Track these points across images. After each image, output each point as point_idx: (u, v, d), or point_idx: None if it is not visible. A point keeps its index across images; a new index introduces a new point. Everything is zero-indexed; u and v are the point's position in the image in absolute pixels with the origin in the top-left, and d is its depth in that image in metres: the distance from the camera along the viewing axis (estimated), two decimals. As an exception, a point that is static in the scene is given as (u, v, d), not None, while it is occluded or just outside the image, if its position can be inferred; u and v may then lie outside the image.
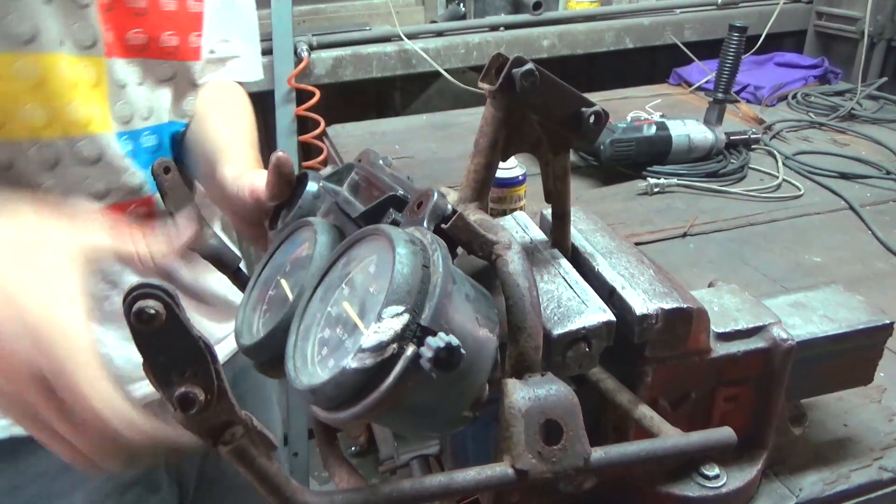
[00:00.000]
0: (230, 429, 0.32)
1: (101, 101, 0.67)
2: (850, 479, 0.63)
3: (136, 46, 0.69)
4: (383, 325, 0.34)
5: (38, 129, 0.62)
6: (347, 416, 0.35)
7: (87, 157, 0.66)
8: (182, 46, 0.74)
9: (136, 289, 0.28)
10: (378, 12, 1.96)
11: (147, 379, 0.31)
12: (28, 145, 0.62)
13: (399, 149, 1.49)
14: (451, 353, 0.33)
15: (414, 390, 0.35)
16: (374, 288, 0.39)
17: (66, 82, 0.63)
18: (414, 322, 0.35)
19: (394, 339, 0.34)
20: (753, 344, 0.55)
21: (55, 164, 0.64)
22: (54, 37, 0.61)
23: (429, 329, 0.35)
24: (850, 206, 1.20)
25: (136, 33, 0.69)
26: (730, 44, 1.33)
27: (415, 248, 0.39)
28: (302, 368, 0.39)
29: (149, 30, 0.70)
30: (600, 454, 0.42)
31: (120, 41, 0.68)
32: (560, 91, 0.48)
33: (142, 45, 0.70)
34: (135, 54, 0.70)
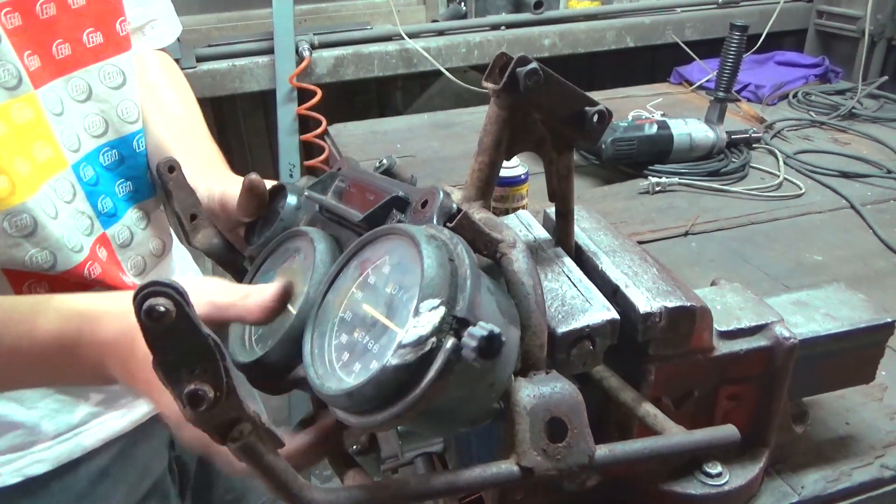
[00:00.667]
0: (238, 426, 0.32)
1: (46, 139, 0.62)
2: (851, 476, 0.63)
3: (63, 61, 0.65)
4: (422, 320, 0.35)
5: (5, 198, 0.58)
6: (385, 417, 0.36)
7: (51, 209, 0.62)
8: (110, 40, 0.68)
9: (147, 287, 0.28)
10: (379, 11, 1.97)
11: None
12: (1, 218, 0.58)
13: (400, 148, 1.50)
14: (493, 341, 0.33)
15: (454, 383, 0.35)
16: (394, 287, 0.39)
17: (7, 136, 0.58)
18: (450, 314, 0.35)
19: (433, 332, 0.34)
20: (756, 342, 0.55)
21: (34, 230, 0.60)
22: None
23: (465, 320, 0.35)
24: (852, 205, 1.20)
25: (59, 45, 0.64)
26: (731, 43, 1.33)
27: (437, 242, 0.39)
28: (327, 375, 0.39)
29: (68, 36, 0.65)
30: (604, 452, 0.42)
31: (45, 62, 0.63)
32: (564, 90, 0.48)
33: (69, 58, 0.65)
34: (66, 70, 0.65)
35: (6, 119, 0.59)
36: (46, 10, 0.62)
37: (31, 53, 0.61)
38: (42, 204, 0.60)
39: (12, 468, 0.67)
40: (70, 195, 0.65)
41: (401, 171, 0.59)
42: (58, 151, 0.64)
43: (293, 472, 0.35)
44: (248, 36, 1.77)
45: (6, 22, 0.59)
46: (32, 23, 0.61)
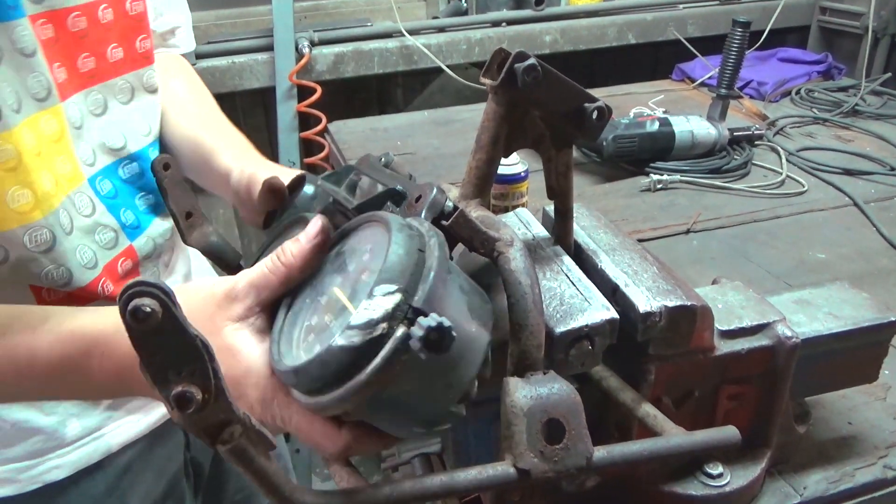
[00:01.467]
0: (228, 428, 0.32)
1: (67, 153, 0.62)
2: (854, 477, 0.62)
3: (86, 74, 0.65)
4: (374, 303, 0.34)
5: (27, 214, 0.57)
6: (330, 399, 0.35)
7: (67, 225, 0.61)
8: (129, 56, 0.70)
9: (132, 287, 0.27)
10: (379, 8, 1.96)
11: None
12: (21, 232, 0.57)
13: (401, 145, 1.49)
14: (442, 335, 0.32)
15: (402, 375, 0.34)
16: (367, 275, 0.38)
17: (34, 151, 0.58)
18: (406, 303, 0.34)
19: (384, 317, 0.33)
20: (758, 342, 0.55)
21: (52, 245, 0.60)
22: (12, 103, 0.56)
23: (421, 311, 0.34)
24: (855, 203, 1.19)
25: (84, 59, 0.64)
26: (733, 39, 1.32)
27: (411, 232, 0.38)
28: (286, 352, 0.38)
29: (94, 50, 0.65)
30: (603, 453, 0.41)
31: (71, 75, 0.63)
32: (562, 86, 0.48)
33: (92, 71, 0.65)
34: (87, 83, 0.65)
35: (35, 131, 0.59)
36: (78, 23, 0.63)
37: (60, 65, 0.62)
38: (60, 219, 0.60)
39: (30, 474, 0.66)
40: (89, 209, 0.65)
41: (398, 168, 0.59)
42: (75, 165, 0.64)
43: (284, 475, 0.34)
44: (248, 33, 1.76)
45: (40, 33, 0.59)
46: (63, 35, 0.62)
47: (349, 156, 1.44)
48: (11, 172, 0.56)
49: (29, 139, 0.57)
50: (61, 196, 0.61)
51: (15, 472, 0.66)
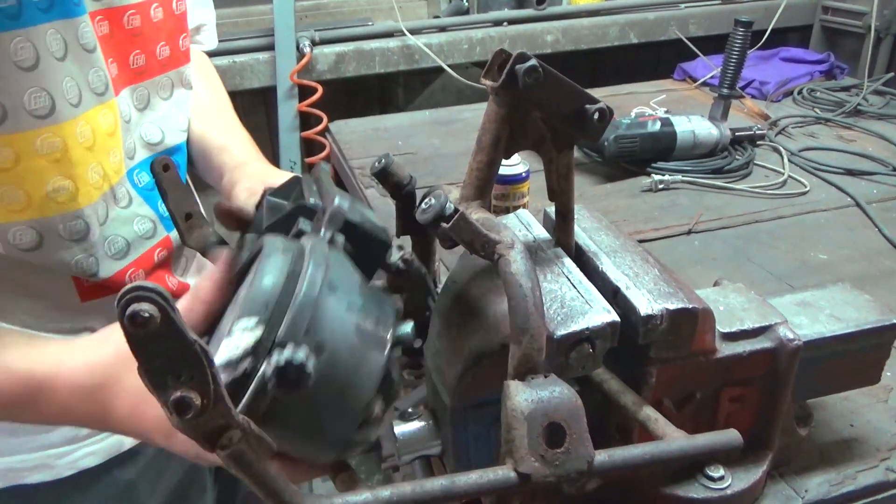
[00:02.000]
0: (227, 433, 0.32)
1: (118, 146, 0.64)
2: (856, 480, 0.62)
3: (136, 70, 0.67)
4: (233, 341, 0.32)
5: (66, 203, 0.59)
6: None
7: (103, 215, 0.63)
8: (174, 54, 0.72)
9: (130, 291, 0.27)
10: (380, 7, 1.95)
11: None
12: (57, 220, 0.59)
13: (402, 145, 1.49)
14: (297, 371, 0.31)
15: (278, 410, 0.32)
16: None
17: (87, 144, 0.60)
18: (269, 338, 0.32)
19: (244, 355, 0.32)
20: (759, 344, 0.54)
21: (85, 235, 0.61)
22: (72, 97, 0.58)
23: (285, 343, 0.32)
24: (857, 203, 1.19)
25: (136, 55, 0.67)
26: (735, 39, 1.31)
27: (285, 257, 0.36)
28: None
29: (145, 48, 0.68)
30: (604, 457, 0.41)
31: (122, 71, 0.65)
32: (563, 87, 0.47)
33: (142, 68, 0.68)
34: (136, 79, 0.67)
35: (94, 124, 0.61)
36: (132, 21, 0.65)
37: (113, 61, 0.64)
38: (98, 210, 0.62)
39: (67, 460, 0.68)
40: (126, 200, 0.67)
41: (398, 169, 0.58)
42: (121, 158, 0.66)
43: (284, 480, 0.34)
44: (249, 32, 1.76)
45: (98, 29, 0.61)
46: (119, 32, 0.64)
47: (350, 155, 1.44)
48: (55, 163, 0.58)
49: (84, 132, 0.59)
50: (106, 187, 0.63)
51: (52, 457, 0.68)
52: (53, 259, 0.61)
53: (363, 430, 0.38)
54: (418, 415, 0.55)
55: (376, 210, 1.21)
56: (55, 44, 0.56)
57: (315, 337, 0.34)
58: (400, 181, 0.58)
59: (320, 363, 0.34)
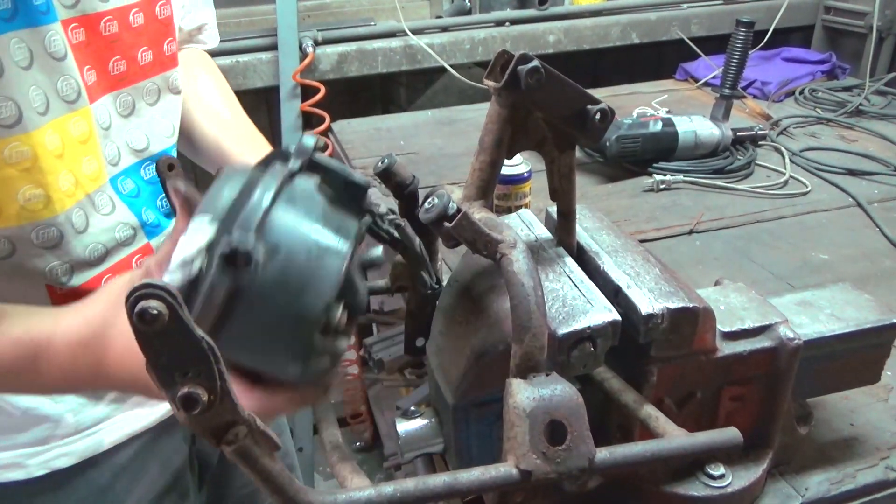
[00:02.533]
0: (233, 428, 0.32)
1: (94, 154, 0.64)
2: (856, 478, 0.62)
3: (117, 77, 0.66)
4: (186, 239, 0.33)
5: (38, 212, 0.58)
6: None
7: (81, 223, 0.62)
8: (158, 59, 0.71)
9: (139, 289, 0.28)
10: (383, 7, 1.96)
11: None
12: (29, 228, 0.59)
13: (404, 144, 1.49)
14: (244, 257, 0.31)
15: (235, 307, 0.33)
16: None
17: (56, 152, 0.59)
18: (225, 235, 0.33)
19: (198, 253, 0.32)
20: (760, 343, 0.55)
21: (58, 242, 0.61)
22: (39, 106, 0.57)
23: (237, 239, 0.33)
24: (858, 203, 1.19)
25: (116, 61, 0.66)
26: (737, 39, 1.32)
27: (244, 175, 0.37)
28: None
29: (125, 54, 0.67)
30: (605, 455, 0.42)
31: (101, 77, 0.64)
32: (565, 88, 0.48)
33: (122, 74, 0.67)
34: (117, 86, 0.67)
35: (62, 132, 0.60)
36: (109, 27, 0.64)
37: (90, 68, 0.63)
38: (73, 218, 0.62)
39: (39, 460, 0.68)
40: (109, 208, 0.66)
41: (400, 169, 0.59)
42: (101, 165, 0.65)
43: (289, 476, 0.35)
44: (251, 32, 1.76)
45: (72, 37, 0.60)
46: (95, 39, 0.63)
47: (353, 155, 1.44)
48: (26, 172, 0.57)
49: (52, 141, 0.59)
50: (80, 195, 0.62)
51: (24, 456, 0.67)
52: (26, 267, 0.60)
53: (326, 338, 0.38)
54: (421, 413, 0.56)
55: (378, 210, 1.22)
56: (19, 53, 0.56)
57: (269, 238, 0.35)
58: (402, 181, 0.59)
59: (275, 263, 0.34)
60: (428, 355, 0.55)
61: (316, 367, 0.40)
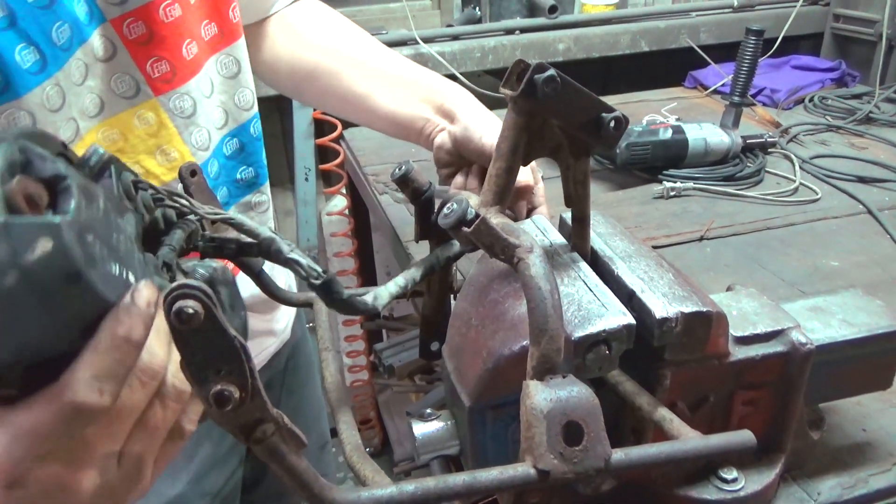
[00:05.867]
0: (262, 426, 0.33)
1: (171, 143, 0.64)
2: (868, 483, 0.63)
3: (192, 61, 0.65)
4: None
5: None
6: None
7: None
8: (223, 29, 0.69)
9: (176, 289, 0.29)
10: (394, 16, 1.98)
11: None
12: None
13: (415, 152, 1.50)
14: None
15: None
16: None
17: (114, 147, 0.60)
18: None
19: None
20: (772, 348, 0.55)
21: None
22: (91, 110, 0.59)
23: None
24: (869, 211, 1.19)
25: (187, 46, 0.65)
26: (746, 47, 1.32)
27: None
28: None
29: (192, 33, 0.65)
30: (620, 455, 0.42)
31: (178, 65, 0.64)
32: (581, 97, 0.49)
33: (195, 56, 0.66)
34: (196, 69, 0.66)
35: (124, 127, 0.62)
36: (171, 12, 0.63)
37: (159, 59, 0.62)
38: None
39: None
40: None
41: (417, 176, 0.60)
42: (183, 153, 0.66)
43: (314, 473, 0.36)
44: (265, 41, 1.78)
45: (128, 33, 0.60)
46: (158, 28, 0.62)
47: (365, 162, 1.46)
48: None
49: (109, 137, 0.60)
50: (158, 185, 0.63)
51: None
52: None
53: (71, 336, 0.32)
54: (437, 416, 0.56)
55: (390, 216, 1.23)
56: (77, 72, 0.57)
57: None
58: (419, 187, 0.60)
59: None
60: (444, 358, 0.56)
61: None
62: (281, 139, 1.95)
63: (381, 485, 0.39)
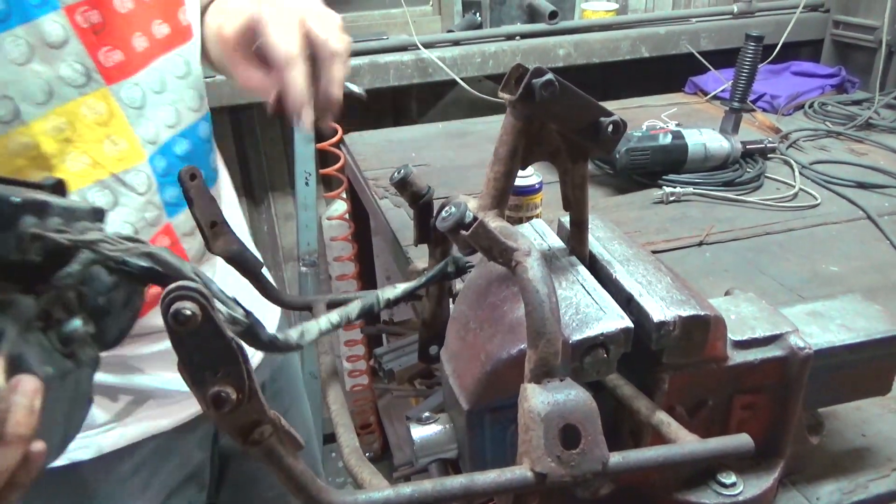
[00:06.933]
0: (259, 428, 0.33)
1: (121, 133, 0.65)
2: (868, 488, 0.62)
3: (142, 54, 0.66)
4: None
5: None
6: None
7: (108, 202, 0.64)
8: (174, 30, 0.70)
9: (173, 290, 0.29)
10: (395, 22, 1.98)
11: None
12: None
13: (415, 157, 1.51)
14: None
15: None
16: None
17: (63, 136, 0.60)
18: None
19: None
20: (770, 352, 0.55)
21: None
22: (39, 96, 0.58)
23: None
24: (868, 216, 1.20)
25: (137, 38, 0.65)
26: (746, 53, 1.33)
27: None
28: None
29: (143, 28, 0.66)
30: (618, 459, 0.42)
31: (129, 55, 0.65)
32: (579, 101, 0.49)
33: (145, 49, 0.67)
34: (145, 63, 0.67)
35: (72, 116, 0.61)
36: (125, 3, 0.65)
37: (111, 49, 0.63)
38: (89, 198, 0.63)
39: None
40: (145, 187, 0.67)
41: (416, 180, 0.60)
42: (133, 144, 0.66)
43: (312, 475, 0.36)
44: (266, 46, 1.79)
45: (81, 21, 0.61)
46: (112, 18, 0.63)
47: (365, 167, 1.46)
48: (33, 161, 0.59)
49: (58, 126, 0.60)
50: (101, 175, 0.63)
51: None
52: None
53: None
54: (436, 419, 0.56)
55: (390, 220, 1.23)
56: (16, 50, 0.57)
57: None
58: (418, 191, 0.60)
59: None
60: (442, 362, 0.56)
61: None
62: (281, 143, 1.95)
63: (378, 488, 0.39)
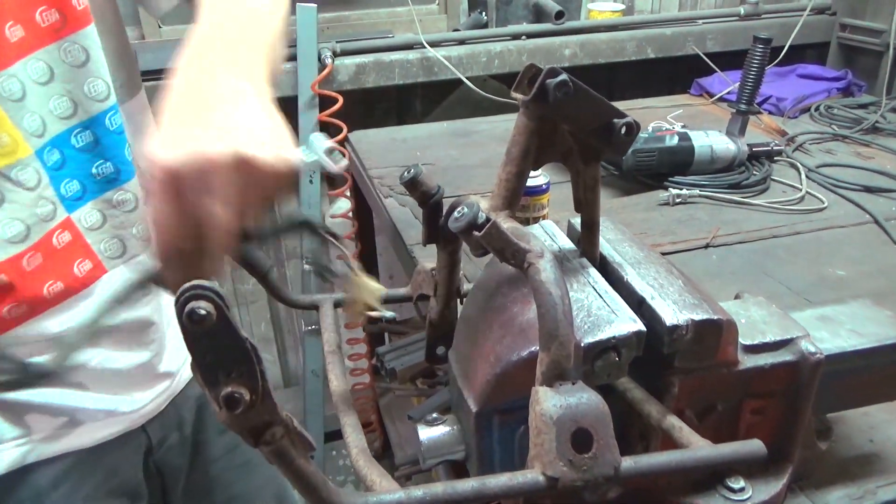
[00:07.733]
0: (271, 429, 0.33)
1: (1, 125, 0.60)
2: (876, 495, 0.62)
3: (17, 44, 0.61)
4: None
5: None
6: None
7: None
8: (67, 17, 0.64)
9: (189, 290, 0.28)
10: (401, 20, 1.98)
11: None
12: None
13: (420, 155, 1.50)
14: None
15: None
16: None
17: None
18: None
19: None
20: (781, 357, 0.55)
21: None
22: None
23: None
24: (875, 220, 1.19)
25: (10, 28, 0.60)
26: (754, 55, 1.32)
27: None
28: None
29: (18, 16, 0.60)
30: (630, 463, 0.42)
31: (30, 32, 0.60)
32: (592, 102, 0.49)
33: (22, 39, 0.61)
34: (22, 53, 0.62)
35: None
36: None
37: (14, 23, 0.59)
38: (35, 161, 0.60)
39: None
40: (34, 182, 0.64)
41: (426, 179, 0.60)
42: (17, 138, 0.62)
43: (322, 477, 0.35)
44: (271, 43, 1.79)
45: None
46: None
47: (369, 165, 1.46)
48: None
49: None
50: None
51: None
52: None
53: None
54: (444, 420, 0.56)
55: (394, 219, 1.23)
56: None
57: None
58: (428, 190, 0.60)
59: None
60: (450, 363, 0.56)
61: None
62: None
63: (388, 490, 0.39)
